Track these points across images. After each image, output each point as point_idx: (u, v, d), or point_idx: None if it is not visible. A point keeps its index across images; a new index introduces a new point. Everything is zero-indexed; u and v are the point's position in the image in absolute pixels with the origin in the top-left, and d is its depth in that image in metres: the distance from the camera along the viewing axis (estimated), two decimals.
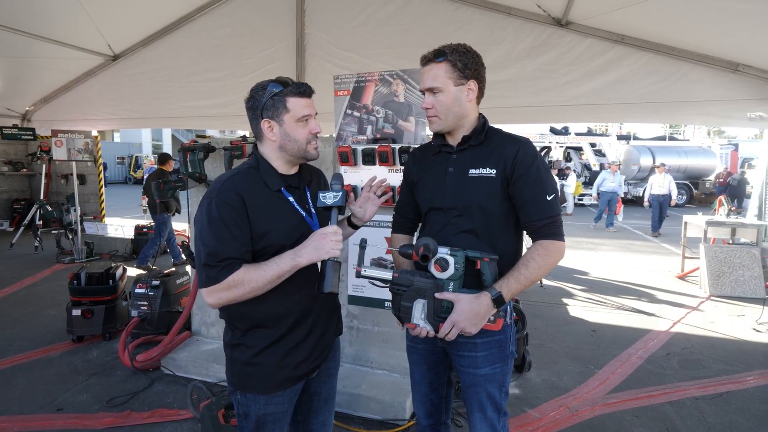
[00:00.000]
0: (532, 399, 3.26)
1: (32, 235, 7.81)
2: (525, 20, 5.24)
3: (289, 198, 1.57)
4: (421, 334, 1.58)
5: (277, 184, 1.55)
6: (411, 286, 1.58)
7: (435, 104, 1.63)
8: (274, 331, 1.54)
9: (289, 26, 6.25)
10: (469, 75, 1.62)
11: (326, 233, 1.47)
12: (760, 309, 5.01)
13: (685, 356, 4.11)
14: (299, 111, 1.53)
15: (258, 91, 1.56)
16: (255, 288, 1.43)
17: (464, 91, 1.63)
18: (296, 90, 1.53)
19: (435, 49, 1.64)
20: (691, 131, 28.02)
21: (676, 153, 18.62)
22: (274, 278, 1.45)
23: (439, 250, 1.55)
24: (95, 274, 4.27)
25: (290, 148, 1.56)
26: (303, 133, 1.55)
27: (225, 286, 1.41)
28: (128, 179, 28.21)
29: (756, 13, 4.12)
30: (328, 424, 1.82)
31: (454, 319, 1.52)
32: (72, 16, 6.17)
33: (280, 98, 1.52)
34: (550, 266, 1.59)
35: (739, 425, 3.02)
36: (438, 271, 1.55)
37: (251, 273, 1.43)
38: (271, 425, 1.59)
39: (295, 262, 1.45)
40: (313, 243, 1.47)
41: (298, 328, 1.57)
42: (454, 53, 1.61)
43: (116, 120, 8.42)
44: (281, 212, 1.54)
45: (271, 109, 1.52)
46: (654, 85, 5.06)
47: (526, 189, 1.58)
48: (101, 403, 3.20)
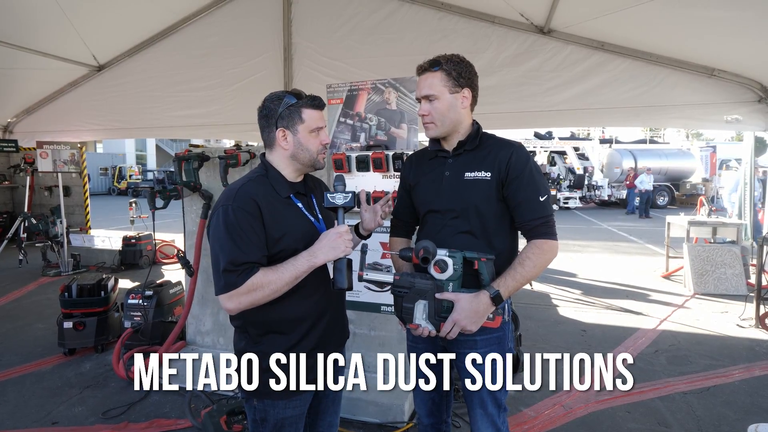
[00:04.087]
0: (527, 398, 3.31)
1: (16, 249, 7.67)
2: (508, 28, 5.36)
3: (298, 204, 1.63)
4: (423, 334, 1.63)
5: (286, 191, 1.61)
6: (412, 287, 1.63)
7: (431, 111, 1.70)
8: (290, 337, 1.58)
9: (275, 35, 6.28)
10: (463, 83, 1.69)
11: (340, 232, 1.53)
12: (743, 305, 5.16)
13: (673, 353, 4.22)
14: (313, 122, 1.60)
15: (273, 101, 1.60)
16: (274, 290, 1.47)
17: (459, 99, 1.70)
18: (311, 102, 1.60)
19: (431, 59, 1.71)
20: (670, 134, 28.64)
21: (657, 156, 19.06)
22: (292, 279, 1.49)
23: (437, 252, 1.60)
24: (87, 286, 4.22)
25: (302, 157, 1.62)
26: (315, 143, 1.61)
27: (245, 290, 1.45)
28: (112, 190, 27.88)
29: (729, 20, 4.28)
30: (335, 424, 1.84)
31: (455, 318, 1.58)
32: (56, 27, 6.12)
33: (296, 109, 1.58)
34: (545, 264, 1.65)
35: (726, 417, 3.12)
36: (437, 272, 1.61)
37: (269, 275, 1.47)
38: (289, 428, 1.63)
39: (312, 263, 1.51)
40: (328, 243, 1.52)
41: (313, 332, 1.61)
42: (448, 63, 1.68)
43: (101, 131, 8.35)
44: (293, 217, 1.60)
45: (286, 118, 1.58)
46: (634, 90, 5.20)
47: (520, 191, 1.65)
48: (97, 416, 3.17)
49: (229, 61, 6.56)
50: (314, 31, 6.14)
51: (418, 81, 1.74)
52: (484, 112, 5.46)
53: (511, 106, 5.62)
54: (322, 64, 6.16)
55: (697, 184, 18.63)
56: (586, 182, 19.36)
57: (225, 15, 6.33)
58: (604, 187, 19.18)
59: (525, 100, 5.57)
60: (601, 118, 6.19)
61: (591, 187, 19.41)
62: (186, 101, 7.08)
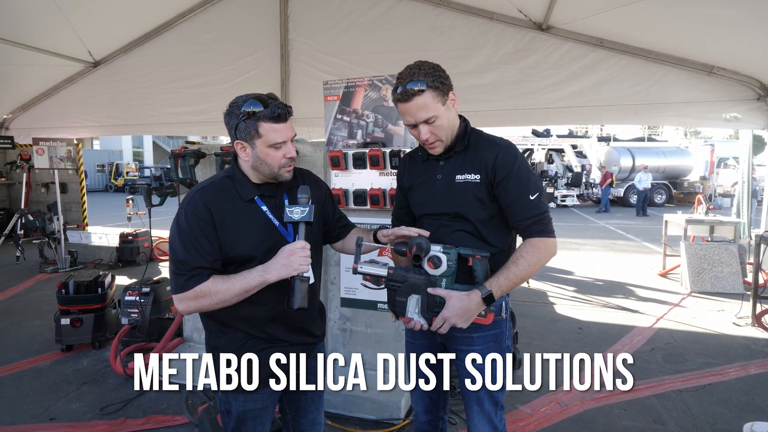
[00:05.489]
0: (524, 395, 3.31)
1: (13, 245, 7.64)
2: (507, 25, 5.33)
3: (263, 207, 1.56)
4: (415, 327, 1.64)
5: (249, 193, 1.55)
6: (405, 282, 1.64)
7: (433, 132, 1.63)
8: (245, 334, 1.57)
9: (272, 32, 6.23)
10: (446, 89, 1.63)
11: (294, 250, 1.46)
12: (739, 304, 5.17)
13: (669, 351, 4.23)
14: (271, 137, 1.48)
15: (234, 109, 1.49)
16: (222, 300, 1.46)
17: (450, 106, 1.66)
18: (270, 114, 1.46)
19: (409, 80, 1.57)
20: (668, 132, 28.65)
21: (654, 153, 19.07)
22: (242, 292, 1.46)
23: (432, 248, 1.60)
24: (84, 283, 4.21)
25: (263, 170, 1.54)
26: (276, 158, 1.51)
27: (192, 296, 1.45)
28: (109, 187, 27.78)
29: (729, 18, 4.27)
30: (318, 422, 1.83)
31: (445, 316, 1.58)
32: (51, 23, 6.07)
33: (252, 122, 1.46)
34: (541, 262, 1.64)
35: (722, 416, 3.13)
36: (431, 268, 1.61)
37: (219, 285, 1.45)
38: (252, 421, 1.63)
39: (263, 278, 1.46)
40: (281, 260, 1.46)
41: (273, 329, 1.59)
42: (429, 76, 1.58)
43: (97, 127, 8.31)
44: (251, 223, 1.54)
45: (243, 131, 1.48)
46: (632, 87, 5.18)
47: (510, 191, 1.63)
48: (95, 412, 3.17)
49: (226, 57, 6.50)
50: (311, 28, 6.10)
51: (406, 107, 1.60)
52: (482, 109, 5.53)
53: (508, 103, 5.60)
54: (319, 60, 6.12)
55: (695, 183, 18.69)
56: (584, 180, 19.35)
57: (221, 11, 6.28)
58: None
59: (523, 97, 5.55)
60: (600, 116, 6.17)
61: (588, 185, 19.41)
62: (182, 98, 7.04)
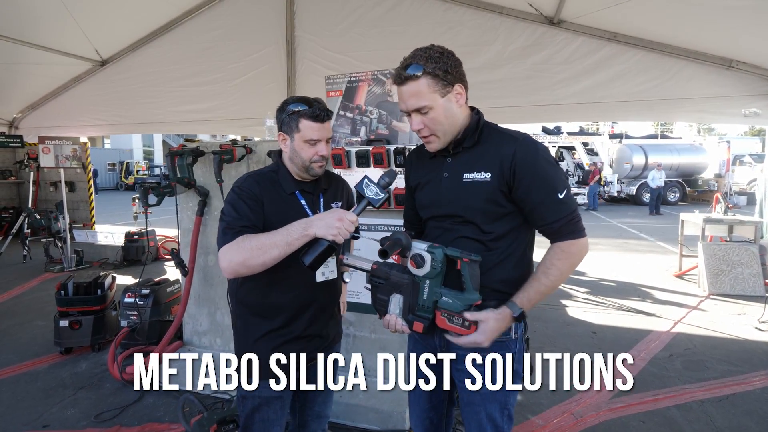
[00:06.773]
0: (535, 405, 3.17)
1: (20, 244, 7.64)
2: (517, 19, 5.21)
3: (302, 201, 1.71)
4: (396, 329, 1.50)
5: (291, 187, 1.71)
6: (388, 279, 1.51)
7: (427, 124, 1.47)
8: (271, 323, 1.68)
9: (278, 29, 6.18)
10: (452, 80, 1.45)
11: (344, 217, 1.48)
12: (761, 307, 4.96)
13: (688, 357, 4.04)
14: (308, 134, 1.65)
15: (284, 105, 1.69)
16: (263, 246, 1.49)
17: (453, 99, 1.47)
18: (311, 114, 1.64)
19: (406, 63, 1.44)
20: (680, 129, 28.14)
21: (668, 151, 18.67)
22: (283, 244, 1.49)
23: (415, 246, 1.46)
24: (83, 284, 4.14)
25: (296, 161, 1.70)
26: (309, 153, 1.67)
27: (236, 244, 1.52)
28: (120, 185, 28.03)
29: (748, 9, 4.11)
30: (324, 416, 1.92)
31: (478, 340, 1.43)
32: (59, 22, 6.09)
33: (295, 118, 1.65)
34: (573, 267, 1.49)
35: (748, 429, 2.95)
36: (413, 267, 1.46)
37: (261, 236, 1.53)
38: (266, 407, 1.71)
39: (305, 231, 1.49)
40: (327, 219, 1.48)
41: (294, 324, 1.70)
42: (430, 62, 1.42)
43: (105, 126, 8.33)
44: (290, 212, 1.65)
45: (286, 124, 1.68)
46: (647, 83, 5.04)
47: (534, 192, 1.43)
48: (89, 419, 3.08)
49: (232, 54, 6.49)
50: (317, 24, 6.04)
51: (400, 92, 1.47)
52: (491, 106, 5.38)
53: (518, 100, 5.49)
54: (325, 57, 6.04)
55: (710, 180, 18.28)
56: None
57: (228, 8, 6.26)
58: (613, 183, 18.87)
59: (533, 94, 5.43)
60: (613, 113, 6.01)
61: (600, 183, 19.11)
62: (189, 96, 7.03)
